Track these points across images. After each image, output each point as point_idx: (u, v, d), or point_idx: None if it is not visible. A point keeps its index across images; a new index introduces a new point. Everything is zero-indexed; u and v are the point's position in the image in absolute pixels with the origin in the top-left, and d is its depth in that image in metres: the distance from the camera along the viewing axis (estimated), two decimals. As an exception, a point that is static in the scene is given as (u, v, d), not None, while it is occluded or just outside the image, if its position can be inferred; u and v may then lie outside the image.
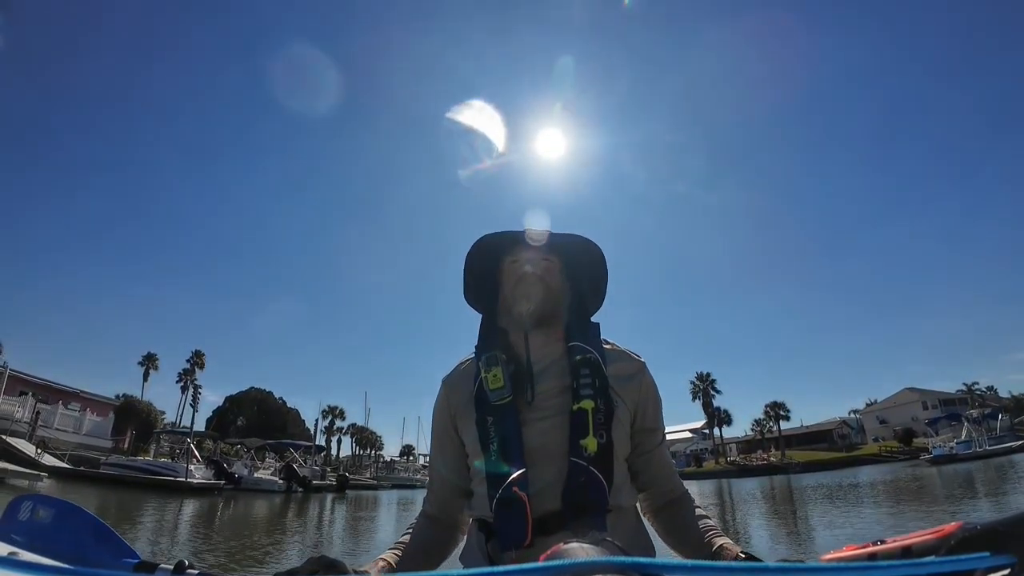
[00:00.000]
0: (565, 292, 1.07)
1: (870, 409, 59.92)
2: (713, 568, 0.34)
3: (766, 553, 6.43)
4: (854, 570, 0.40)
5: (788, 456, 47.02)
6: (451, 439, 1.04)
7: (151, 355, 45.68)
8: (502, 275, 1.08)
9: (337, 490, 30.52)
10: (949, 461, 27.36)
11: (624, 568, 0.36)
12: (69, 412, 30.84)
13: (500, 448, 0.91)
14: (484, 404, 0.96)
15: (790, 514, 12.50)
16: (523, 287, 1.01)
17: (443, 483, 1.06)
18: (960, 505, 11.41)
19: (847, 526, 9.38)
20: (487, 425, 0.94)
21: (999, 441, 30.03)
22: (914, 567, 0.40)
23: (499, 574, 0.33)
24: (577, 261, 1.10)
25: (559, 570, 0.35)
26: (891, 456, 40.59)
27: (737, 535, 9.14)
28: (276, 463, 30.39)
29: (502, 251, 1.07)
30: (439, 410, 1.06)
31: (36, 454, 22.57)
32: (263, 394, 59.47)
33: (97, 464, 23.82)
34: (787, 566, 0.38)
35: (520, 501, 0.85)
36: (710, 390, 54.13)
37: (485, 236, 1.06)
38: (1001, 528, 0.46)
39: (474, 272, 1.10)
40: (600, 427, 0.90)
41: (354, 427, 60.34)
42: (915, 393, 54.08)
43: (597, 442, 0.88)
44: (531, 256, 1.03)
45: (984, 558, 0.43)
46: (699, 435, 62.06)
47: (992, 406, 46.97)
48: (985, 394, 56.34)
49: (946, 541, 0.48)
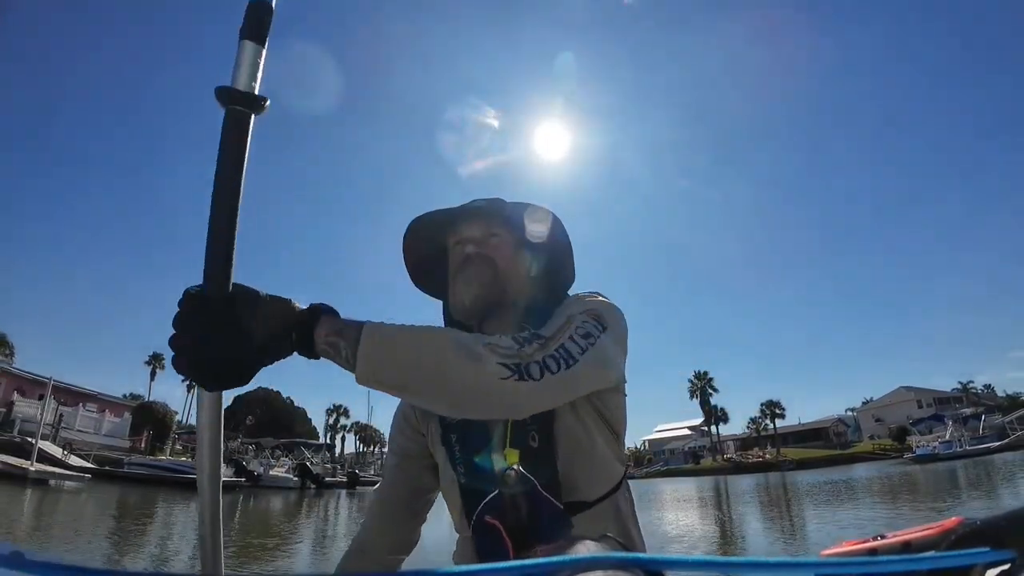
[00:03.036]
0: (523, 269, 0.92)
1: (866, 408, 60.80)
2: (713, 563, 0.34)
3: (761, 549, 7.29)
4: (854, 565, 0.42)
5: (783, 454, 48.12)
6: (416, 439, 0.94)
7: (157, 355, 46.78)
8: (448, 258, 0.94)
9: (348, 486, 31.93)
10: (931, 460, 28.84)
11: (627, 563, 0.36)
12: (88, 414, 31.98)
13: (467, 470, 0.84)
14: (447, 420, 0.87)
15: (775, 509, 13.59)
16: (465, 271, 0.88)
17: (386, 506, 0.96)
18: (918, 496, 12.68)
19: (830, 521, 10.23)
20: (452, 444, 0.86)
21: (980, 441, 32.03)
22: (914, 562, 0.40)
23: (502, 570, 0.32)
24: (534, 232, 0.94)
25: (564, 565, 0.35)
26: (884, 454, 41.73)
27: (733, 528, 10.11)
28: (290, 461, 31.79)
29: (445, 231, 0.94)
30: (402, 415, 0.96)
31: (63, 455, 23.68)
32: (271, 394, 60.85)
33: (120, 464, 24.92)
34: (787, 560, 0.38)
35: (495, 529, 0.79)
36: (708, 388, 55.29)
37: (420, 217, 0.92)
38: (1001, 524, 0.46)
39: (421, 259, 0.97)
40: (524, 429, 0.80)
41: (357, 425, 61.54)
42: (910, 392, 54.88)
43: (518, 452, 0.80)
44: (473, 234, 0.90)
45: (984, 553, 0.43)
46: (698, 432, 63.11)
47: (987, 404, 48.07)
48: (980, 393, 57.18)
49: (946, 536, 0.48)
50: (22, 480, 15.21)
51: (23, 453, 19.43)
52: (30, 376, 30.27)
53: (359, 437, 63.16)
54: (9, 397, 27.77)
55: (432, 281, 1.00)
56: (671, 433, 68.94)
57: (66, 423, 29.29)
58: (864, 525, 8.44)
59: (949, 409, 46.29)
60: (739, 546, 7.95)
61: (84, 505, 13.60)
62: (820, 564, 0.39)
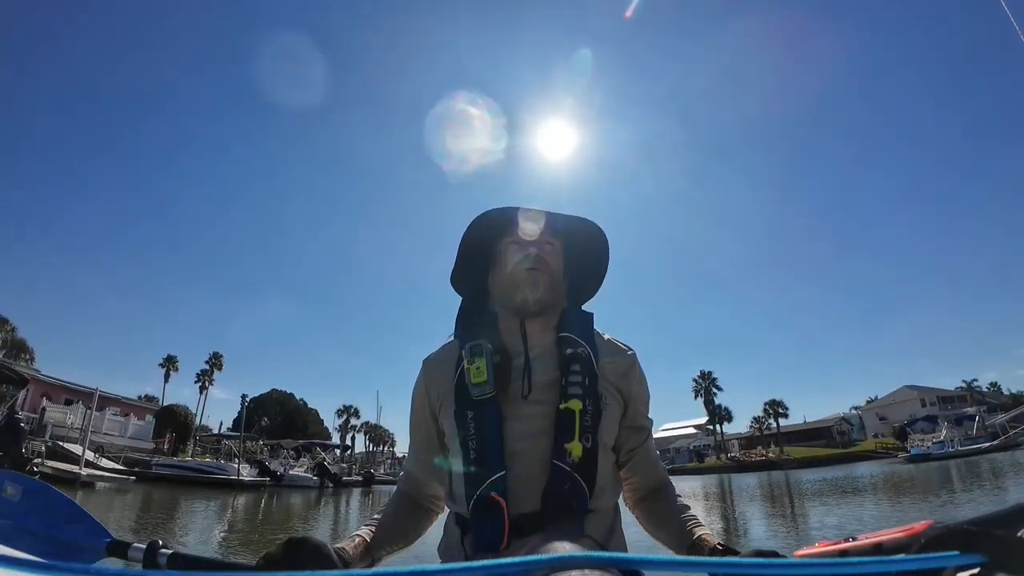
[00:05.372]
0: (563, 279, 1.01)
1: (870, 406, 61.21)
2: (688, 563, 0.35)
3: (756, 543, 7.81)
4: (826, 566, 0.41)
5: (786, 452, 48.70)
6: (427, 424, 1.00)
7: (171, 357, 48.05)
8: (498, 255, 1.01)
9: (364, 485, 33.51)
10: (924, 460, 29.92)
11: (602, 563, 0.37)
12: (114, 418, 33.35)
13: (479, 447, 0.86)
14: (464, 397, 0.90)
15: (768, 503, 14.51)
16: (531, 273, 0.94)
17: (419, 464, 1.02)
18: (902, 492, 13.64)
19: (812, 516, 10.98)
20: (467, 420, 0.88)
21: (973, 442, 33.42)
22: (885, 564, 0.41)
23: (479, 568, 0.33)
24: (579, 246, 1.04)
25: (539, 565, 0.36)
26: (886, 452, 42.38)
27: (734, 522, 10.84)
28: (308, 461, 33.30)
29: (500, 229, 1.00)
30: (418, 393, 1.02)
31: (95, 458, 24.95)
32: (284, 396, 62.35)
33: (148, 465, 26.08)
34: (760, 561, 0.38)
35: (498, 505, 0.81)
36: (712, 388, 56.06)
37: (487, 212, 0.98)
38: (971, 528, 0.46)
39: (469, 250, 1.03)
40: (587, 430, 0.85)
41: (367, 425, 62.78)
42: (913, 391, 55.20)
43: (583, 447, 0.83)
44: (536, 237, 0.97)
45: (954, 557, 0.44)
46: (703, 431, 63.76)
47: (991, 403, 48.50)
48: (984, 391, 57.22)
49: (917, 539, 0.48)
50: (72, 483, 16.40)
51: (57, 457, 20.64)
52: (56, 382, 31.50)
53: (369, 437, 64.42)
54: (37, 403, 28.67)
55: (464, 274, 1.06)
56: (676, 432, 69.76)
57: (93, 427, 30.63)
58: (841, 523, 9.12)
59: (953, 408, 46.87)
60: (733, 534, 8.66)
61: (153, 503, 14.62)
62: (793, 564, 0.40)
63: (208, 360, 49.84)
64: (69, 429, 27.85)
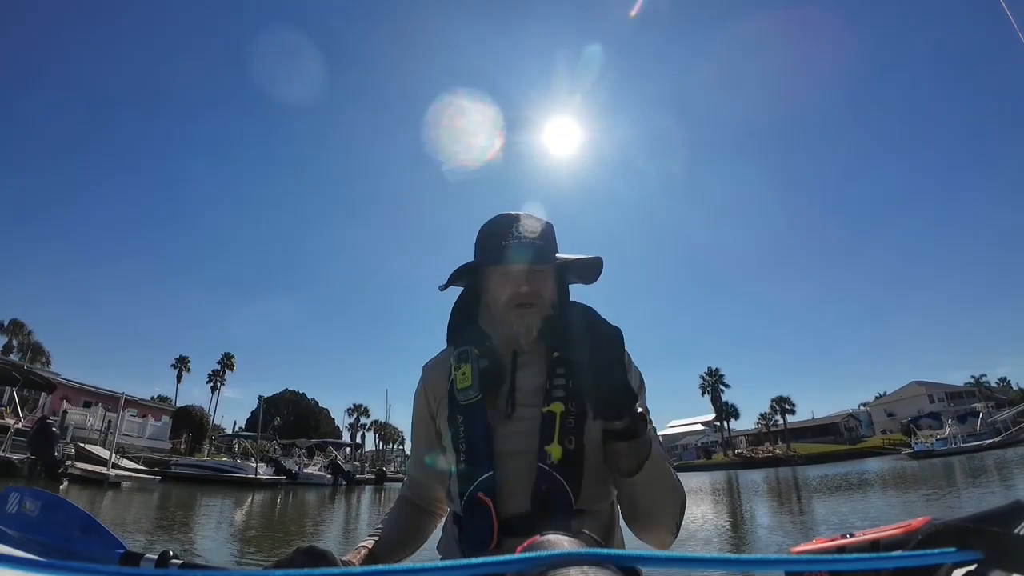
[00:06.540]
0: (554, 298, 0.98)
1: (879, 402, 61.02)
2: (686, 559, 0.34)
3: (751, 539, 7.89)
4: (823, 562, 0.41)
5: (793, 449, 48.83)
6: (428, 427, 1.04)
7: (183, 357, 48.91)
8: (487, 279, 0.99)
9: (376, 482, 34.32)
10: (927, 456, 30.13)
11: (599, 559, 0.37)
12: (132, 419, 34.10)
13: (468, 449, 0.90)
14: (454, 402, 0.94)
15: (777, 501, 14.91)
16: (525, 315, 0.93)
17: (420, 468, 1.06)
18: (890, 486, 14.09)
19: (809, 512, 11.34)
20: (457, 424, 0.92)
21: (977, 438, 33.70)
22: (881, 560, 0.41)
23: (477, 564, 0.33)
24: (577, 279, 1.04)
25: (535, 562, 0.36)
26: (893, 449, 42.42)
27: (741, 517, 11.17)
28: (321, 459, 34.11)
29: (493, 247, 0.96)
30: (418, 398, 1.05)
31: (116, 459, 25.65)
32: (296, 395, 63.23)
33: (167, 465, 26.58)
34: (757, 557, 0.38)
35: (485, 506, 0.84)
36: (719, 385, 56.25)
37: (495, 218, 0.99)
38: (968, 525, 0.46)
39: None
40: (568, 432, 0.87)
41: (376, 423, 63.50)
42: (921, 387, 55.05)
43: (563, 449, 0.85)
44: (525, 270, 0.94)
45: (950, 553, 0.44)
46: (710, 428, 63.93)
47: (999, 399, 48.37)
48: (993, 387, 56.94)
49: (913, 536, 0.49)
50: (100, 484, 17.02)
51: (80, 459, 21.31)
52: (75, 385, 32.22)
53: (378, 435, 65.15)
54: (57, 406, 29.17)
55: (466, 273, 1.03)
56: (684, 429, 69.96)
57: (113, 428, 31.41)
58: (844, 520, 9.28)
59: (961, 403, 46.69)
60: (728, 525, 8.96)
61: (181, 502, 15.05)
62: (789, 560, 0.40)
63: (220, 360, 50.64)
64: (89, 431, 28.37)
